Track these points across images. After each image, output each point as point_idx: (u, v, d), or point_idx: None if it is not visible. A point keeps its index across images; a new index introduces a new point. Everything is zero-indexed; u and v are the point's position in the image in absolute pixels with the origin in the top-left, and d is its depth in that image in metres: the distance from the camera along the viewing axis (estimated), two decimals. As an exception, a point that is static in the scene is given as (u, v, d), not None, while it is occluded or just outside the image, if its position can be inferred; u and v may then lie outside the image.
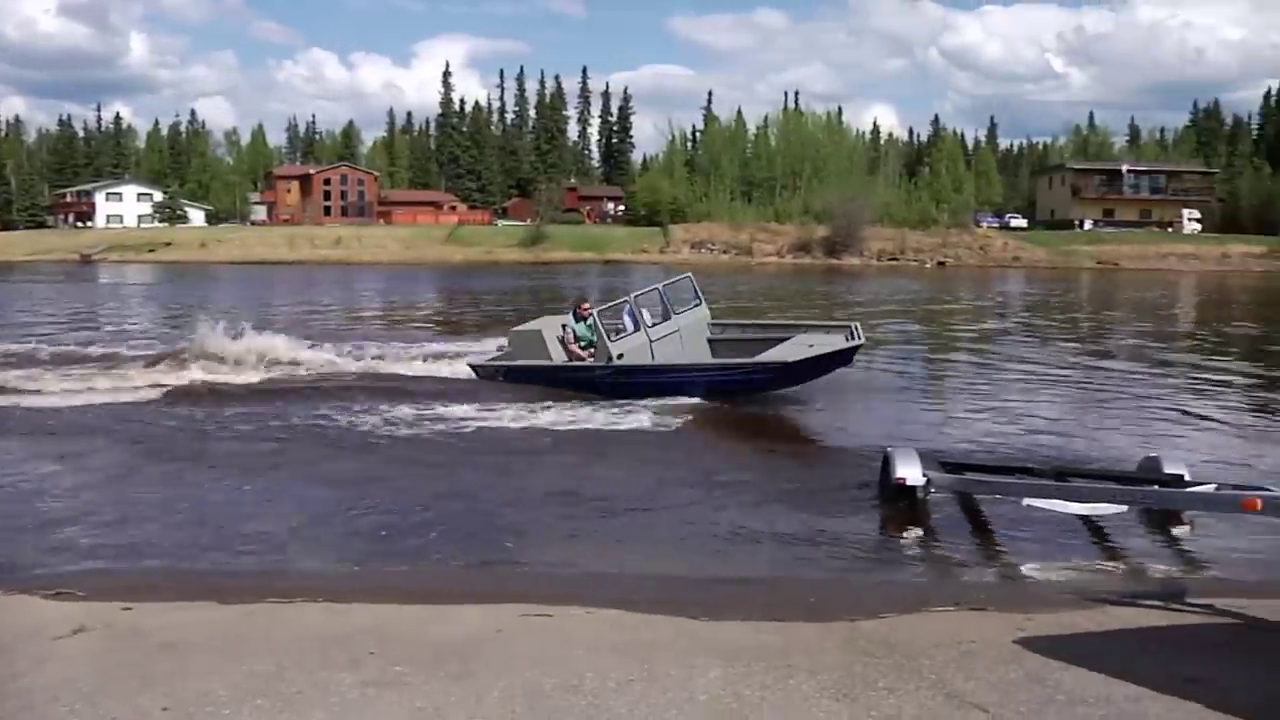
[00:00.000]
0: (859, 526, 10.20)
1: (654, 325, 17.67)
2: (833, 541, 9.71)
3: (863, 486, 11.29)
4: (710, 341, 18.58)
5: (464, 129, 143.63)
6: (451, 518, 10.22)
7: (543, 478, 11.99)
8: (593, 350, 17.62)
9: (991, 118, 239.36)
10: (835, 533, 9.94)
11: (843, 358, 16.20)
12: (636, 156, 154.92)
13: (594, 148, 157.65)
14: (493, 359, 19.47)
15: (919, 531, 10.07)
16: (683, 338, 17.96)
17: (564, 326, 18.27)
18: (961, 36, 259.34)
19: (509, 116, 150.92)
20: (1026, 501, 9.46)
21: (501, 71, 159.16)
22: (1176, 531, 9.95)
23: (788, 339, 17.58)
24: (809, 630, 6.50)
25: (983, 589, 8.18)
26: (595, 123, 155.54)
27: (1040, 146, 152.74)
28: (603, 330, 17.11)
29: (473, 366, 19.17)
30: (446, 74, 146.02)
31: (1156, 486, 9.58)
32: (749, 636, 6.30)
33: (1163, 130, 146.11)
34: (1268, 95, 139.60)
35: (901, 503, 10.42)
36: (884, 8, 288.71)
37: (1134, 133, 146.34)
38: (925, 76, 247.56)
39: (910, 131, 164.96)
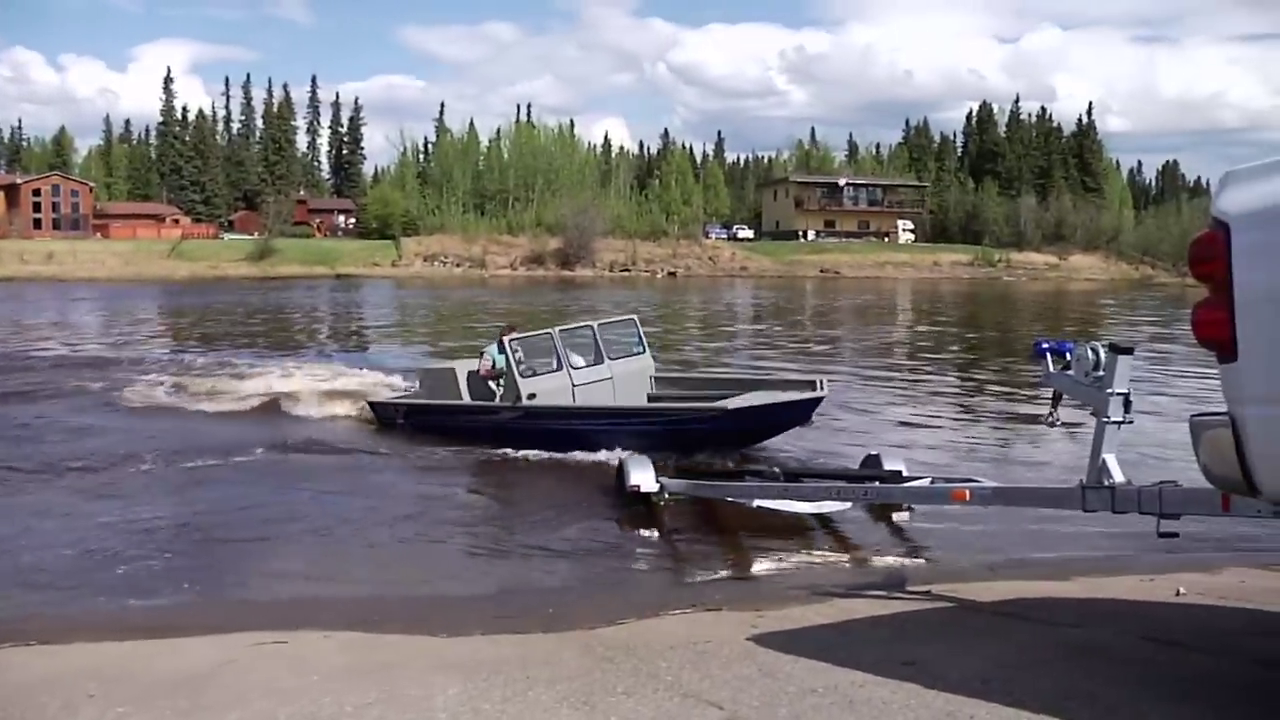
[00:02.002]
0: (596, 535, 10.28)
1: (580, 368, 14.94)
2: (571, 551, 9.75)
3: (599, 495, 11.39)
4: (651, 398, 15.39)
5: (187, 138, 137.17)
6: (174, 547, 9.73)
7: (269, 504, 11.64)
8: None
9: (719, 132, 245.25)
10: (573, 542, 9.99)
11: (795, 410, 13.31)
12: (368, 168, 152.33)
13: (324, 159, 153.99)
14: (396, 398, 17.62)
15: (655, 537, 10.23)
16: (616, 387, 15.09)
17: (482, 354, 15.73)
18: (688, 53, 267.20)
19: (235, 126, 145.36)
20: (756, 503, 9.76)
21: (227, 79, 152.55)
22: (898, 524, 10.45)
23: (740, 395, 14.10)
24: (548, 640, 6.48)
25: (718, 590, 8.35)
26: (325, 133, 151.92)
27: (765, 160, 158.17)
28: (515, 364, 14.56)
29: (371, 404, 17.23)
30: (168, 80, 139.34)
31: (877, 483, 10.01)
32: (488, 650, 6.24)
33: (878, 146, 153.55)
34: (969, 116, 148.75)
35: (638, 509, 10.59)
36: (613, 23, 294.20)
37: (852, 148, 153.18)
38: (654, 91, 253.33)
39: (641, 145, 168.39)
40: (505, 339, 14.93)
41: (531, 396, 14.41)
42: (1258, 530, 9.36)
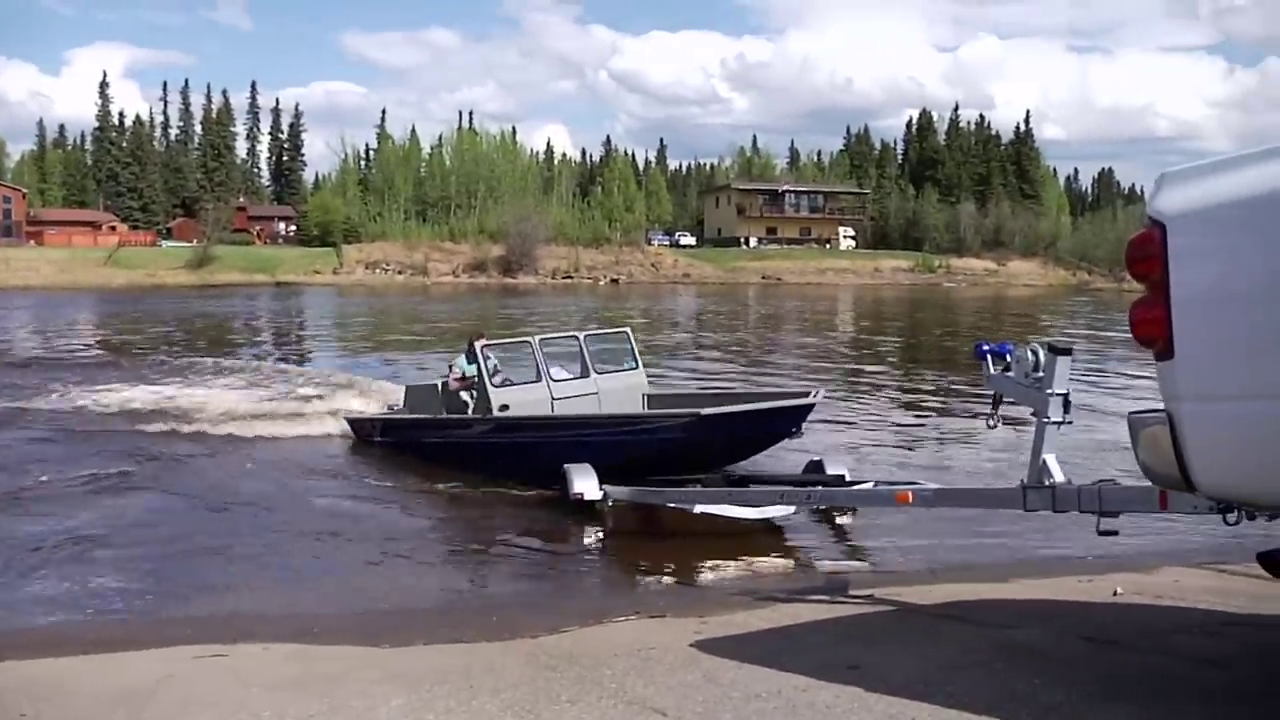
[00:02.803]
0: (540, 544, 10.28)
1: (561, 380, 13.74)
2: (515, 560, 9.73)
3: (543, 505, 11.35)
4: None
5: (124, 144, 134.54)
6: (110, 562, 9.54)
7: (208, 518, 11.46)
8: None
9: (661, 139, 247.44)
10: (517, 552, 9.97)
11: (780, 419, 11.78)
12: (309, 175, 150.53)
13: (264, 166, 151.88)
14: (374, 414, 16.73)
15: (599, 545, 10.22)
16: (602, 403, 13.73)
17: (451, 366, 14.71)
18: (630, 60, 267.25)
19: (173, 132, 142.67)
20: (699, 509, 9.75)
21: (165, 84, 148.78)
22: (840, 528, 10.49)
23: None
24: (492, 650, 6.45)
25: (662, 596, 8.36)
26: (265, 140, 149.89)
27: (707, 167, 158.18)
28: (487, 372, 13.37)
29: (350, 421, 16.38)
30: (104, 85, 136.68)
31: (820, 487, 10.03)
32: (432, 660, 6.19)
33: (819, 153, 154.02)
34: (909, 123, 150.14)
35: (582, 517, 10.57)
36: (555, 30, 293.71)
37: (794, 155, 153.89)
38: (596, 98, 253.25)
39: (583, 152, 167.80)
40: (477, 344, 13.73)
41: (504, 408, 13.14)
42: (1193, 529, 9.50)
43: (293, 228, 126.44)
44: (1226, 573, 8.10)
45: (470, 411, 13.95)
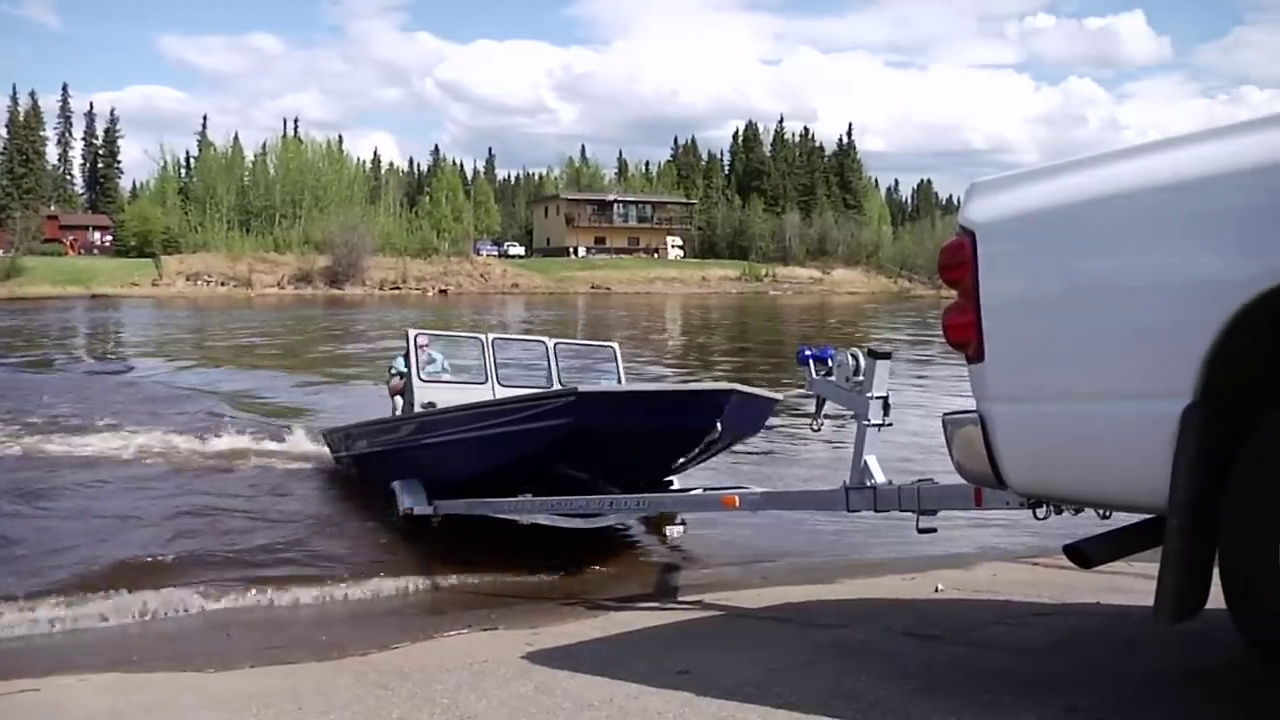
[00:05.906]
0: (369, 561, 10.06)
1: (516, 388, 11.72)
2: (344, 577, 9.49)
3: (371, 520, 11.16)
4: None
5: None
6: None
7: (17, 530, 10.78)
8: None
9: (489, 149, 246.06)
10: (345, 568, 9.74)
11: (693, 408, 8.76)
12: (126, 183, 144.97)
13: (77, 172, 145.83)
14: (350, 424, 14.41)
15: (430, 560, 10.07)
16: None
17: (390, 369, 13.05)
18: (457, 69, 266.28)
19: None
20: (529, 519, 9.70)
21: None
22: (670, 535, 10.57)
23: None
24: (320, 670, 6.32)
25: (493, 609, 8.29)
26: (78, 145, 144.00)
27: (536, 177, 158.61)
28: (417, 364, 11.67)
29: (324, 434, 14.47)
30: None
31: (648, 494, 10.06)
32: (257, 683, 6.01)
33: (647, 164, 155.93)
34: (735, 135, 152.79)
35: (411, 532, 10.41)
36: (380, 37, 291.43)
37: (622, 165, 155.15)
38: (423, 106, 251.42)
39: (410, 161, 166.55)
40: (411, 334, 12.14)
41: (429, 405, 11.13)
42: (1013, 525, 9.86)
43: (109, 238, 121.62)
44: (1040, 565, 8.43)
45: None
